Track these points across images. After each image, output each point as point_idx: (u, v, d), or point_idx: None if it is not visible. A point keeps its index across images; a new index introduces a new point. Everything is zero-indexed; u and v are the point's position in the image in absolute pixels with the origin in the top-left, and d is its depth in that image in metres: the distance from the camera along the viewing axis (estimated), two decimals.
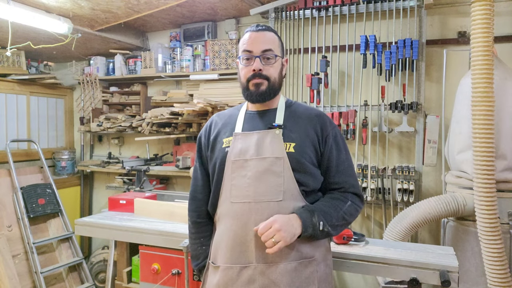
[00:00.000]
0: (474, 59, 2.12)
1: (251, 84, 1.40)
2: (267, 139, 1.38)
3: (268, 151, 1.36)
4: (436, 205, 2.33)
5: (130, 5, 2.99)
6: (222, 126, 1.50)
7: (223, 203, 1.41)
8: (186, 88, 3.77)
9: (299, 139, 1.39)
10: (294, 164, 1.35)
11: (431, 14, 2.92)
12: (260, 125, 1.43)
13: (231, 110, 1.58)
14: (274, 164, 1.34)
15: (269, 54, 1.40)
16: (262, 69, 1.38)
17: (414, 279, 1.61)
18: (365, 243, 1.86)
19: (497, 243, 2.07)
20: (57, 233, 3.58)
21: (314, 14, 3.11)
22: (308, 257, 1.35)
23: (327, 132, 1.43)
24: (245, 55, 1.41)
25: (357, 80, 3.05)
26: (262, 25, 1.45)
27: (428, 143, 2.78)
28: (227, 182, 1.39)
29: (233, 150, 1.40)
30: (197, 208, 1.55)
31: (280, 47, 1.46)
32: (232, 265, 1.35)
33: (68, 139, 4.47)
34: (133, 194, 2.74)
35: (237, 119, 1.49)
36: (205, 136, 1.54)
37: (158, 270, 2.31)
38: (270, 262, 1.31)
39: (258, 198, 1.33)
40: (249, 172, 1.35)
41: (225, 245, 1.37)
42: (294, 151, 1.36)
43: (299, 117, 1.45)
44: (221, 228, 1.42)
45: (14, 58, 3.87)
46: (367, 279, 3.17)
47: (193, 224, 1.56)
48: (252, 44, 1.40)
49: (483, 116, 2.08)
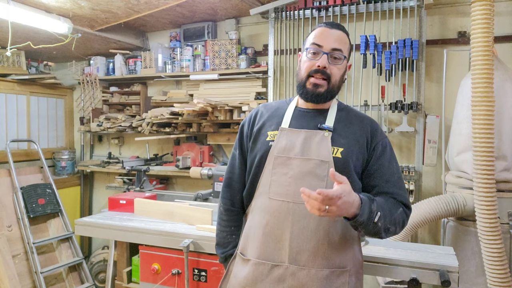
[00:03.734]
0: (474, 59, 2.12)
1: (309, 82, 1.34)
2: (315, 140, 1.34)
3: (314, 153, 1.32)
4: (436, 205, 2.33)
5: (130, 5, 2.99)
6: (268, 118, 1.45)
7: (260, 196, 1.38)
8: (186, 88, 3.77)
9: (348, 145, 1.33)
10: (339, 170, 1.26)
11: (431, 14, 2.92)
12: (309, 124, 1.38)
13: (279, 102, 1.52)
14: (318, 167, 1.30)
15: (338, 54, 1.34)
16: (327, 67, 1.33)
17: (414, 279, 1.61)
18: (365, 243, 1.86)
19: (497, 243, 2.08)
20: (57, 233, 3.58)
21: (314, 14, 3.11)
22: (341, 267, 1.31)
23: (376, 141, 1.37)
24: (314, 48, 1.34)
25: (357, 80, 3.05)
26: (338, 24, 1.40)
27: (428, 143, 2.78)
28: (267, 177, 1.35)
29: (278, 145, 1.35)
30: (232, 196, 1.52)
31: (348, 50, 1.40)
32: (264, 261, 1.32)
33: (68, 139, 4.47)
34: (133, 194, 2.74)
35: (285, 113, 1.43)
36: (248, 125, 1.49)
37: (158, 270, 2.31)
38: (302, 265, 1.28)
39: (298, 199, 1.27)
40: (291, 170, 1.31)
41: (259, 239, 1.34)
42: (341, 157, 1.31)
43: (350, 122, 1.39)
44: (254, 221, 1.39)
45: (14, 58, 3.87)
46: (367, 279, 3.17)
47: (226, 211, 1.53)
48: (324, 39, 1.34)
49: (483, 116, 2.08)
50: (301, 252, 1.28)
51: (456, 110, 2.52)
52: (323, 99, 1.37)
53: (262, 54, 3.49)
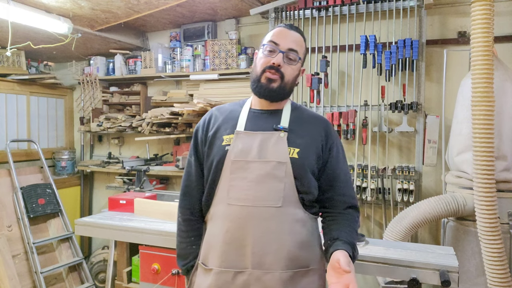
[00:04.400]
0: (474, 59, 2.12)
1: (264, 76, 1.34)
2: (271, 141, 1.33)
3: (271, 155, 1.31)
4: (436, 205, 2.33)
5: (130, 5, 2.99)
6: (223, 121, 1.42)
7: (219, 203, 1.35)
8: (186, 88, 3.77)
9: (304, 145, 1.34)
10: (296, 170, 1.30)
11: (431, 14, 2.92)
12: (264, 126, 1.37)
13: (232, 105, 1.50)
14: (276, 169, 1.29)
15: (293, 54, 1.35)
16: (281, 65, 1.33)
17: (414, 279, 1.61)
18: (365, 243, 1.86)
19: (497, 243, 2.08)
20: (57, 233, 3.58)
21: (314, 14, 3.11)
22: (304, 266, 1.31)
23: (332, 141, 1.39)
24: (270, 46, 1.35)
25: (357, 80, 3.05)
26: (297, 27, 1.42)
27: (428, 143, 2.78)
28: (225, 183, 1.33)
29: (234, 149, 1.33)
30: (190, 205, 1.47)
31: (303, 54, 1.42)
32: (226, 269, 1.29)
33: (68, 139, 4.47)
34: (133, 194, 2.74)
35: (240, 115, 1.41)
36: (202, 130, 1.46)
37: (158, 270, 2.31)
38: (266, 269, 1.26)
39: (257, 203, 1.28)
40: (250, 174, 1.30)
41: (220, 247, 1.31)
42: (297, 157, 1.31)
43: (305, 122, 1.40)
44: (214, 229, 1.36)
45: (14, 58, 3.87)
46: (367, 279, 3.17)
47: (184, 221, 1.48)
48: (281, 39, 1.35)
49: (483, 116, 2.08)
50: (264, 255, 1.27)
51: (456, 110, 2.52)
52: (275, 96, 1.36)
53: None
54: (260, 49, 1.40)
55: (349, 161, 3.13)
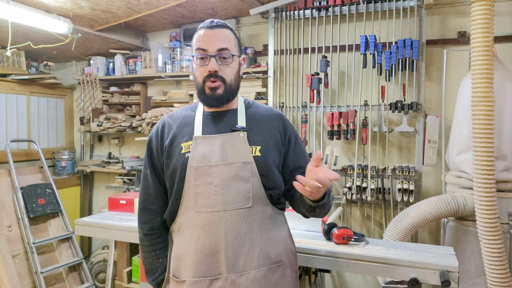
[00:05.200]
0: (474, 59, 2.12)
1: (206, 87, 1.30)
2: (231, 143, 1.31)
3: (234, 156, 1.29)
4: (436, 205, 2.33)
5: (130, 5, 2.99)
6: (178, 129, 1.38)
7: (185, 212, 1.31)
8: (186, 88, 3.77)
9: (264, 142, 1.34)
10: (261, 168, 1.29)
11: (431, 14, 2.92)
12: (222, 128, 1.34)
13: (184, 110, 1.46)
14: (241, 170, 1.28)
15: (225, 53, 1.30)
16: (218, 70, 1.29)
17: (414, 279, 1.61)
18: (365, 243, 1.86)
19: (497, 243, 2.08)
20: (57, 233, 3.58)
21: (314, 14, 3.11)
22: (276, 261, 1.33)
23: (289, 133, 1.41)
24: (200, 54, 1.30)
25: (357, 80, 3.05)
26: (217, 21, 1.34)
27: (428, 143, 2.78)
28: (190, 190, 1.29)
29: (195, 156, 1.29)
30: (149, 219, 1.43)
31: (236, 45, 1.36)
32: (201, 278, 1.26)
33: (68, 139, 4.47)
34: (133, 194, 2.74)
35: (195, 120, 1.37)
36: (157, 140, 1.40)
37: None
38: (241, 271, 1.26)
39: (227, 206, 1.26)
40: (215, 179, 1.27)
41: (191, 257, 1.28)
42: (260, 155, 1.31)
43: (261, 118, 1.39)
44: (183, 239, 1.32)
45: (14, 58, 3.87)
46: (367, 279, 3.17)
47: (145, 236, 1.44)
48: (207, 42, 1.29)
49: (483, 116, 2.08)
50: (238, 258, 1.26)
51: (456, 110, 2.52)
52: (224, 101, 1.33)
53: (262, 54, 3.49)
54: (192, 58, 1.35)
55: (349, 161, 3.13)
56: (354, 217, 3.16)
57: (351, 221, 3.15)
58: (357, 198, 2.93)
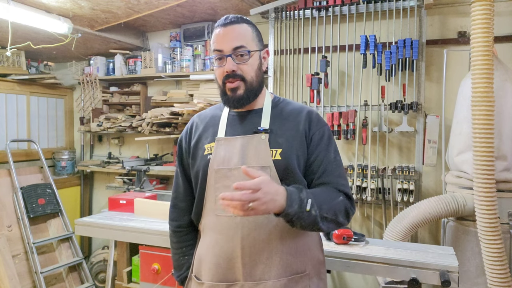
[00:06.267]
0: (474, 59, 2.12)
1: (227, 88, 1.27)
2: (252, 146, 1.26)
3: (253, 160, 1.24)
4: (436, 205, 2.33)
5: (130, 5, 2.99)
6: (204, 129, 1.37)
7: (207, 214, 1.31)
8: (186, 88, 3.77)
9: (286, 143, 1.26)
10: (281, 173, 1.23)
11: (431, 14, 2.92)
12: (245, 129, 1.30)
13: (213, 109, 1.44)
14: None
15: (241, 51, 1.24)
16: (235, 69, 1.25)
17: (414, 279, 1.61)
18: (365, 243, 1.86)
19: (497, 243, 2.08)
20: (57, 233, 3.58)
21: (314, 14, 3.11)
22: (299, 272, 1.26)
23: (313, 131, 1.30)
24: (217, 55, 1.27)
25: (357, 80, 3.05)
26: (232, 17, 1.28)
27: (428, 143, 2.78)
28: (211, 193, 1.28)
29: (216, 158, 1.28)
30: (178, 217, 1.45)
31: (255, 39, 1.29)
32: (218, 282, 1.26)
33: (68, 139, 4.47)
34: (133, 194, 2.74)
35: (220, 121, 1.35)
36: (185, 140, 1.42)
37: (158, 270, 2.31)
38: (258, 279, 1.23)
39: None
40: (233, 182, 1.20)
41: (210, 260, 1.28)
42: (280, 159, 1.24)
43: (286, 118, 1.32)
44: (205, 241, 1.33)
45: (14, 58, 3.87)
46: (367, 279, 3.17)
47: (174, 233, 1.47)
48: (222, 42, 1.25)
49: (483, 116, 2.08)
50: (255, 266, 1.23)
51: (456, 110, 2.52)
52: (245, 101, 1.28)
53: None
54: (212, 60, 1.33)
55: (349, 161, 3.13)
56: (354, 217, 3.16)
57: (351, 221, 3.15)
58: (357, 198, 2.93)
